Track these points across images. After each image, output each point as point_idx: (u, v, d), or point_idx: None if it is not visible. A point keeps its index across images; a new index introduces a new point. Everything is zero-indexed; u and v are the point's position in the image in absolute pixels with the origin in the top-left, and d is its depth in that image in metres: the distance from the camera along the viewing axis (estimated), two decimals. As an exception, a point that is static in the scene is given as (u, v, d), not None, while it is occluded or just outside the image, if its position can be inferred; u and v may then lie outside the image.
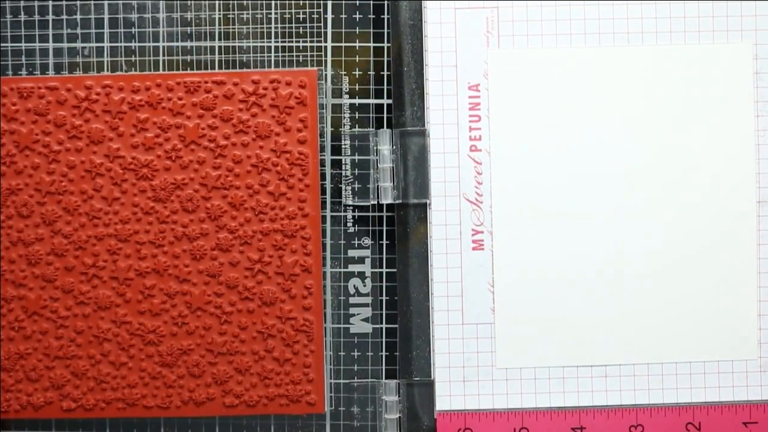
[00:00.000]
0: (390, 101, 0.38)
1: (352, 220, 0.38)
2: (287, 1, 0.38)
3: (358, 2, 0.38)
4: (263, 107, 0.37)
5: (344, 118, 0.38)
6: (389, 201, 0.38)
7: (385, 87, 0.38)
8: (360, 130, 0.38)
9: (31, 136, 0.37)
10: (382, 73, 0.38)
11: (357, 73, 0.38)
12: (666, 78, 0.37)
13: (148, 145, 0.37)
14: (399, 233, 0.38)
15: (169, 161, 0.37)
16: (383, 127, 0.38)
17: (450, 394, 0.38)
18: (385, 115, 0.38)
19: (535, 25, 0.37)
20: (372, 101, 0.38)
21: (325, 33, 0.38)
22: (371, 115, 0.38)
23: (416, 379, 0.38)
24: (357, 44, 0.38)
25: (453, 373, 0.38)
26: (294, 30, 0.38)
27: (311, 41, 0.38)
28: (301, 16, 0.38)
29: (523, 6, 0.37)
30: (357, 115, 0.38)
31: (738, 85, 0.37)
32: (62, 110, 0.37)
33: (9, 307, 0.37)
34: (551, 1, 0.37)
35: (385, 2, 0.38)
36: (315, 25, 0.38)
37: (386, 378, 0.38)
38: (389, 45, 0.38)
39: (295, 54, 0.38)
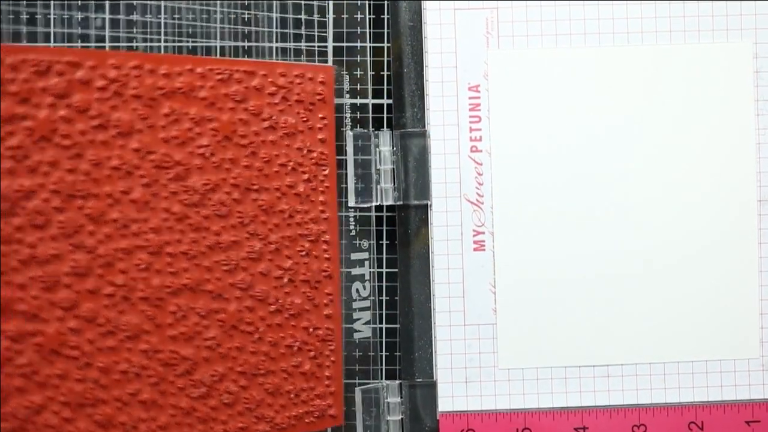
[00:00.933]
0: (390, 101, 0.38)
1: (354, 222, 0.38)
2: (288, 2, 0.38)
3: (358, 2, 0.38)
4: (290, 102, 0.34)
5: (346, 118, 0.38)
6: (390, 202, 0.38)
7: (385, 87, 0.38)
8: (361, 130, 0.38)
9: (48, 124, 0.30)
10: (382, 73, 0.38)
11: (358, 73, 0.38)
12: (666, 78, 0.37)
13: (182, 140, 0.32)
14: (400, 235, 0.38)
15: (202, 159, 0.32)
16: (383, 128, 0.38)
17: (452, 395, 0.38)
18: (384, 115, 0.38)
19: (535, 25, 0.37)
20: (371, 101, 0.38)
21: (326, 34, 0.38)
22: (369, 114, 0.38)
23: (418, 380, 0.38)
24: (358, 44, 0.38)
25: (455, 374, 0.38)
26: (295, 31, 0.38)
27: (312, 42, 0.38)
28: (303, 16, 0.38)
29: (522, 6, 0.37)
30: (358, 115, 0.38)
31: (738, 84, 0.37)
32: (86, 93, 0.30)
33: (17, 348, 0.29)
34: (551, 2, 0.37)
35: (385, 2, 0.38)
36: (317, 21, 0.38)
37: (386, 379, 0.38)
38: (389, 45, 0.38)
39: (294, 55, 0.38)
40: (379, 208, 0.38)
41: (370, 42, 0.38)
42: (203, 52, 0.38)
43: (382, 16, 0.38)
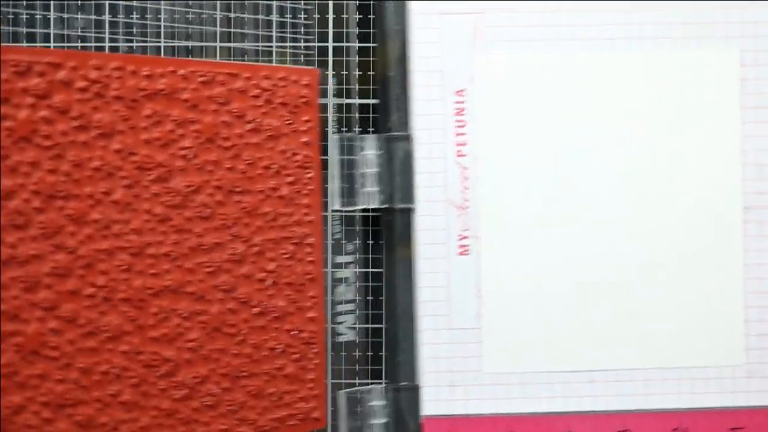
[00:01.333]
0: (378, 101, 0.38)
1: (339, 225, 0.38)
2: (275, 3, 0.38)
3: (345, 3, 0.38)
4: (273, 105, 0.35)
5: (332, 120, 0.38)
6: (375, 206, 0.38)
7: (371, 88, 0.38)
8: (347, 134, 0.38)
9: (29, 125, 0.30)
10: (369, 73, 0.38)
11: (344, 73, 0.38)
12: (652, 84, 0.37)
13: (164, 141, 0.32)
14: (385, 238, 0.38)
15: (184, 161, 0.33)
16: (371, 127, 0.38)
17: (437, 399, 0.38)
18: (370, 115, 0.38)
19: (522, 30, 0.37)
20: (357, 101, 0.38)
21: (313, 34, 0.38)
22: (356, 115, 0.38)
23: (403, 383, 0.38)
24: (344, 44, 0.38)
25: (439, 378, 0.38)
26: (280, 32, 0.38)
27: (299, 42, 0.38)
28: (301, 17, 0.38)
29: (509, 11, 0.37)
30: (345, 116, 0.38)
31: (724, 91, 0.37)
32: (67, 94, 0.30)
33: None
34: (537, 7, 0.37)
35: (371, 3, 0.38)
36: (303, 21, 0.38)
37: (371, 381, 0.38)
38: (376, 45, 0.38)
39: (280, 56, 0.38)
40: (365, 210, 0.38)
41: (356, 43, 0.38)
42: (184, 52, 0.38)
43: (369, 16, 0.38)
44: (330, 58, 0.38)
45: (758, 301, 0.37)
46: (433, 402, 0.38)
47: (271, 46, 0.38)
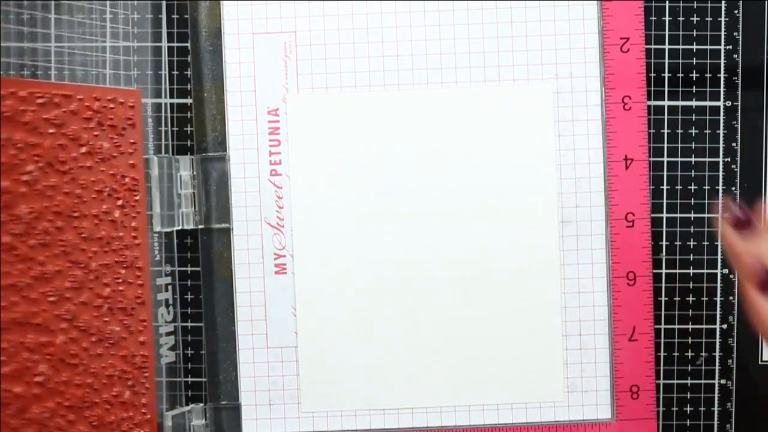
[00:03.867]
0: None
1: (158, 247, 0.38)
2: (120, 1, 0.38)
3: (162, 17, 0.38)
4: (104, 127, 0.34)
5: (149, 141, 0.38)
6: (191, 226, 0.38)
7: (188, 111, 0.38)
8: (164, 155, 0.38)
9: None
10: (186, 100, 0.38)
11: (163, 101, 0.38)
12: (471, 110, 0.37)
13: (8, 166, 0.32)
14: (203, 258, 0.38)
15: (27, 187, 0.32)
16: (192, 142, 0.38)
17: (256, 418, 0.38)
18: (187, 139, 0.38)
19: (333, 48, 0.37)
20: (172, 128, 0.38)
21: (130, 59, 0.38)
22: (171, 142, 0.38)
23: (223, 403, 0.38)
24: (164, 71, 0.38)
25: (259, 397, 0.38)
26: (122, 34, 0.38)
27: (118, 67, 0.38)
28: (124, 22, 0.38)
29: (320, 30, 0.37)
30: (163, 142, 0.38)
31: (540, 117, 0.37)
32: None
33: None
34: (347, 25, 0.37)
35: (188, 22, 0.38)
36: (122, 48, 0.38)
37: (191, 403, 0.38)
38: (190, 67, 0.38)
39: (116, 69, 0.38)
40: (184, 234, 0.38)
41: (170, 57, 0.38)
42: (16, 54, 0.38)
43: (185, 16, 0.38)
44: (149, 85, 0.38)
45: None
46: (252, 421, 0.38)
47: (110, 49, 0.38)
